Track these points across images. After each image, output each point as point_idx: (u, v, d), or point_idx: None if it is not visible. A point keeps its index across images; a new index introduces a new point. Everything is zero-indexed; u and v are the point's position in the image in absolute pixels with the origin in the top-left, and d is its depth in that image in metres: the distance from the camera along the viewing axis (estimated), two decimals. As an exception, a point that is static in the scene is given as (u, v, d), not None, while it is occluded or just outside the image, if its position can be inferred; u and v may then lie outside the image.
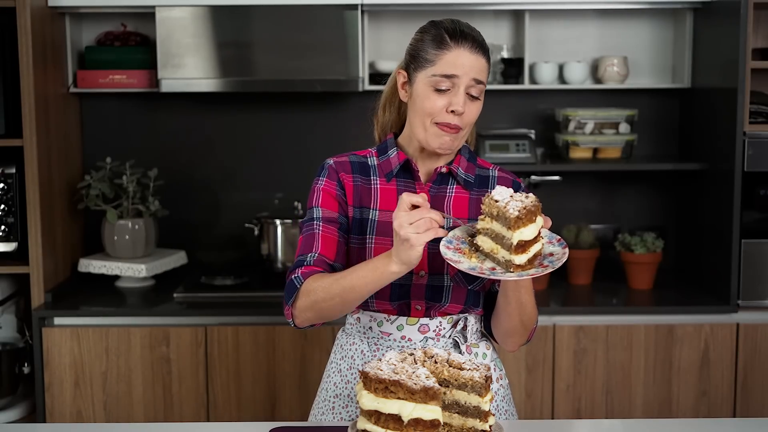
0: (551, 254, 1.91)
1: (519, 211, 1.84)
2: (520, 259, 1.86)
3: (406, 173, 2.15)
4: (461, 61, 2.04)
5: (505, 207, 1.85)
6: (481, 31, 2.12)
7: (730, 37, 3.26)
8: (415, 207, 1.89)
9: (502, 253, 1.88)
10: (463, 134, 2.09)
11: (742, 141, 3.25)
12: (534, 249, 1.88)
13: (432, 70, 2.06)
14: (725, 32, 3.31)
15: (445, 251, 1.92)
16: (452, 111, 2.04)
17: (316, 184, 2.16)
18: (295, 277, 2.06)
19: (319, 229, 2.10)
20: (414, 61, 2.10)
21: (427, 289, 2.10)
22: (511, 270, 1.86)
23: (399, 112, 2.24)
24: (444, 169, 2.14)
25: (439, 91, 2.05)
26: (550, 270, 1.87)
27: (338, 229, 2.11)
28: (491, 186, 2.15)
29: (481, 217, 1.92)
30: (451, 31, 2.08)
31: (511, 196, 1.88)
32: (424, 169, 2.15)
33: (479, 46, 2.08)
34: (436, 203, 2.12)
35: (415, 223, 1.85)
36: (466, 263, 1.90)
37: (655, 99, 3.80)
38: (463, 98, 2.04)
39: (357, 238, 2.12)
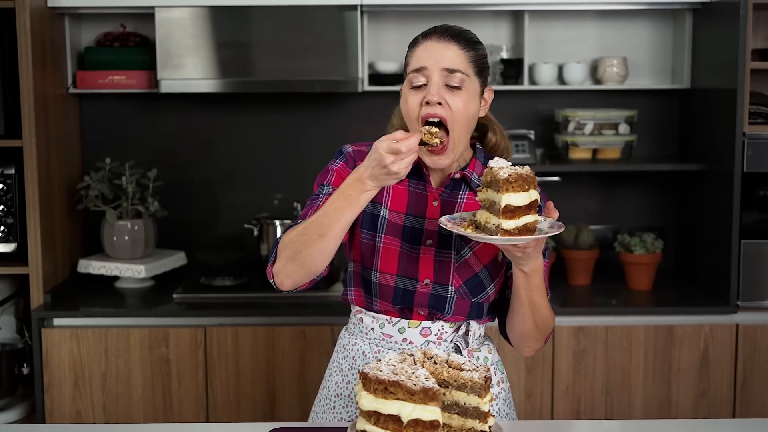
0: (546, 232, 1.90)
1: (509, 174, 1.83)
2: (508, 224, 1.83)
3: (419, 176, 2.12)
4: (428, 53, 2.02)
5: (497, 171, 1.85)
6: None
7: (729, 37, 3.26)
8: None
9: (493, 221, 1.87)
10: (453, 144, 2.03)
11: (741, 142, 3.25)
12: (525, 219, 1.85)
13: (408, 69, 2.06)
14: (725, 33, 3.31)
15: (445, 222, 1.93)
16: (427, 102, 2.00)
17: (331, 165, 2.13)
18: (278, 238, 2.04)
19: (322, 202, 2.05)
20: (404, 72, 2.10)
21: (431, 297, 2.09)
22: (499, 235, 1.85)
23: None
24: (457, 175, 2.11)
25: (415, 88, 2.03)
26: (537, 237, 1.85)
27: None
28: None
29: (479, 188, 1.92)
30: (426, 31, 2.07)
31: (509, 166, 1.87)
32: (439, 173, 2.13)
33: (451, 35, 2.04)
34: (446, 209, 2.10)
35: (406, 159, 1.85)
36: (455, 229, 1.90)
37: (654, 100, 3.80)
38: (437, 88, 2.00)
39: (368, 234, 2.11)
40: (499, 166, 1.87)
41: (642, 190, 3.85)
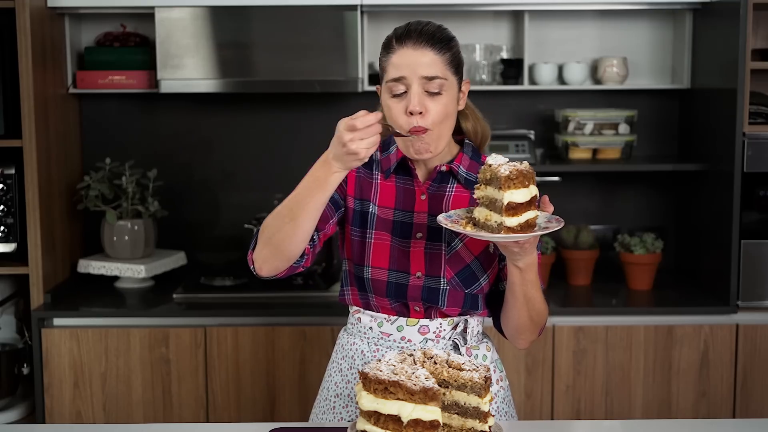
0: (546, 228, 1.90)
1: (510, 171, 1.83)
2: (511, 221, 1.83)
3: (405, 171, 2.14)
4: (405, 61, 2.02)
5: (497, 168, 1.85)
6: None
7: (729, 37, 3.27)
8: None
9: (494, 218, 1.86)
10: (437, 135, 2.04)
11: (741, 142, 3.25)
12: (527, 215, 1.85)
13: (386, 77, 2.05)
14: (725, 33, 3.31)
15: (443, 220, 1.93)
16: (410, 113, 2.01)
17: None
18: (259, 226, 2.04)
19: None
20: (380, 74, 2.10)
21: (424, 290, 2.09)
22: (502, 233, 1.84)
23: None
24: (444, 168, 2.12)
25: (396, 96, 2.03)
26: (538, 233, 1.85)
27: (328, 201, 2.01)
28: None
29: (477, 186, 1.91)
30: (398, 33, 2.06)
31: (507, 162, 1.87)
32: (425, 167, 2.14)
33: (425, 40, 2.03)
34: (435, 202, 2.11)
35: (366, 139, 1.85)
36: (455, 228, 1.89)
37: (654, 100, 3.80)
38: (418, 98, 2.00)
39: (358, 231, 2.12)
40: (498, 163, 1.87)
41: (642, 190, 3.85)
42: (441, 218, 1.95)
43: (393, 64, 2.03)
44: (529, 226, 1.86)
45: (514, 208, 1.83)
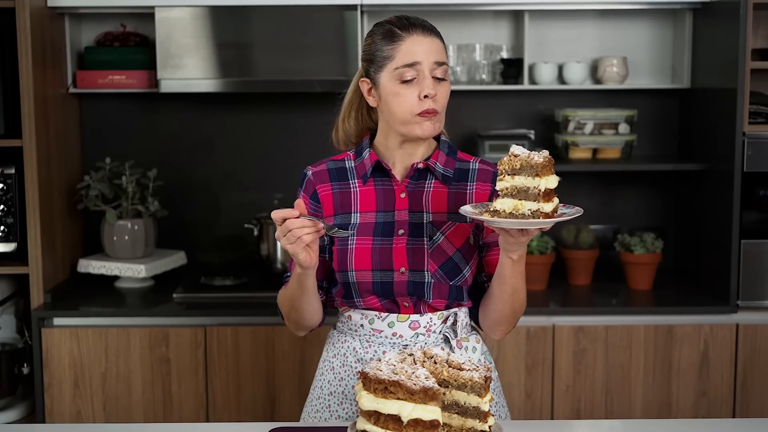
0: (572, 214, 1.96)
1: (544, 158, 1.89)
2: (548, 207, 1.90)
3: (383, 173, 2.17)
4: (418, 48, 2.08)
5: (529, 156, 1.90)
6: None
7: (729, 37, 3.27)
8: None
9: (528, 206, 1.91)
10: (441, 118, 2.12)
11: (741, 141, 3.25)
12: (556, 200, 1.93)
13: (393, 64, 2.09)
14: (725, 32, 3.31)
15: (469, 210, 1.99)
16: (425, 96, 2.06)
17: (297, 197, 2.20)
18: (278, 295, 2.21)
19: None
20: (372, 64, 2.13)
21: (409, 285, 2.11)
22: (540, 219, 1.89)
23: (358, 122, 2.27)
24: (421, 165, 2.15)
25: (405, 82, 2.07)
26: (574, 216, 1.93)
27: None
28: (471, 179, 2.17)
29: (500, 177, 1.94)
30: (398, 23, 2.13)
31: (531, 152, 1.92)
32: (402, 166, 2.17)
33: (430, 29, 2.12)
34: (414, 199, 2.13)
35: (286, 236, 1.94)
36: (491, 221, 1.93)
37: (654, 99, 3.80)
38: (431, 82, 2.07)
39: (341, 241, 2.14)
40: (525, 153, 1.91)
41: (642, 190, 3.85)
42: (466, 210, 1.99)
43: (406, 51, 2.08)
44: (555, 211, 1.93)
45: (548, 194, 1.90)
